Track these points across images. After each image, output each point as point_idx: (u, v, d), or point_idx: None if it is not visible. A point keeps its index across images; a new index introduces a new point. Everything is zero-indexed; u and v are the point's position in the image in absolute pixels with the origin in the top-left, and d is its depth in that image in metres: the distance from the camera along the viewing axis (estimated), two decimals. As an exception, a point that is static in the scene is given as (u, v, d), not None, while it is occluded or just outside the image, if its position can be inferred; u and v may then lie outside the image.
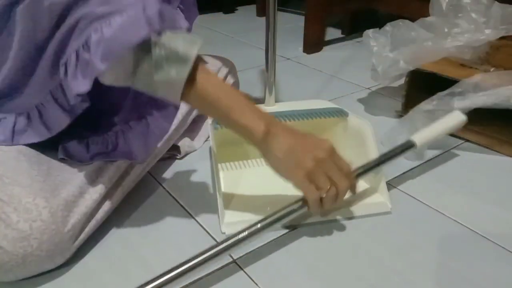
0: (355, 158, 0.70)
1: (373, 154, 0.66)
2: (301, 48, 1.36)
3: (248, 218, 0.60)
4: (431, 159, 0.77)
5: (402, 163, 0.76)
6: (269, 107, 0.72)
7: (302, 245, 0.57)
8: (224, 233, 0.59)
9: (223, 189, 0.65)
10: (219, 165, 0.70)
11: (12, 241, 0.47)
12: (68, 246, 0.52)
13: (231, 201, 0.64)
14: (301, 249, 0.56)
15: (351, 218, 0.61)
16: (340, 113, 0.70)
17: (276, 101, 0.73)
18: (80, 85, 0.46)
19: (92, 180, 0.57)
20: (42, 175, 0.53)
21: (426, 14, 0.90)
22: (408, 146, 0.65)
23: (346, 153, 0.69)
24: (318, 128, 0.74)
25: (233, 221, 0.60)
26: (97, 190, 0.57)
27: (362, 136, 0.68)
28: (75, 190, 0.55)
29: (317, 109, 0.71)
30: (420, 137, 0.66)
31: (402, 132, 0.78)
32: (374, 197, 0.65)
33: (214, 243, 0.58)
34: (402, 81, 0.89)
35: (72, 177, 0.56)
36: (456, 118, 0.70)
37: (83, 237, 0.55)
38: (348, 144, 0.71)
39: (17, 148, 0.56)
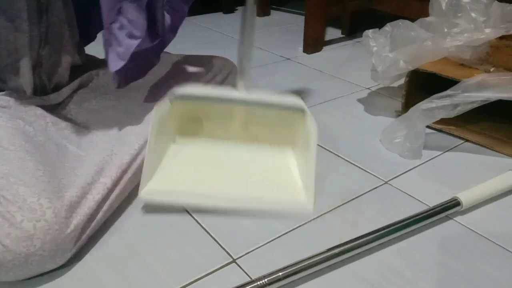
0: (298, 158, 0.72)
1: (311, 157, 0.63)
2: (301, 48, 1.36)
3: (171, 190, 0.63)
4: (431, 159, 0.77)
5: (402, 163, 0.76)
6: (238, 93, 0.70)
7: (301, 245, 0.57)
8: (141, 197, 0.62)
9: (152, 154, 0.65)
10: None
11: (16, 240, 0.47)
12: (69, 247, 0.52)
13: (162, 170, 0.67)
14: (301, 249, 0.56)
15: (266, 211, 0.61)
16: (296, 110, 0.68)
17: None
18: None
19: (95, 181, 0.58)
20: (47, 176, 0.54)
21: (426, 14, 0.90)
22: (452, 205, 0.62)
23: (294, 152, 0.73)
24: (277, 119, 0.73)
25: (155, 189, 0.63)
26: (99, 191, 0.57)
27: (308, 138, 0.65)
28: (78, 191, 0.55)
29: (276, 101, 0.69)
30: (467, 196, 0.63)
31: (400, 129, 0.78)
32: (297, 196, 0.64)
33: (214, 243, 0.58)
34: (402, 81, 0.89)
35: (75, 180, 0.57)
36: (509, 179, 0.68)
37: (84, 237, 0.55)
38: (298, 142, 0.71)
39: (24, 148, 0.57)
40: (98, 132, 0.69)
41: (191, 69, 0.84)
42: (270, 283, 0.50)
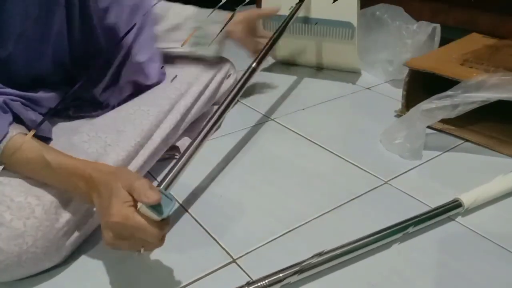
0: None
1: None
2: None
3: None
4: (431, 159, 0.77)
5: (402, 163, 0.76)
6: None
7: (301, 246, 0.57)
8: None
9: None
10: None
11: (6, 239, 0.47)
12: (63, 243, 0.52)
13: None
14: (301, 249, 0.56)
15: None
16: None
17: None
18: None
19: None
20: None
21: (426, 14, 0.90)
22: (454, 206, 0.62)
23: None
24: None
25: None
26: None
27: None
28: None
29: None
30: (469, 198, 0.63)
31: (400, 130, 0.78)
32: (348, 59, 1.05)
33: (214, 242, 0.58)
34: (402, 81, 0.89)
35: None
36: (511, 181, 0.67)
37: (80, 235, 0.55)
38: None
39: None
40: (92, 120, 0.67)
41: (190, 69, 0.84)
42: (271, 284, 0.49)
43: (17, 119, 0.54)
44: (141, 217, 0.44)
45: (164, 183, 0.54)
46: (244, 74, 0.73)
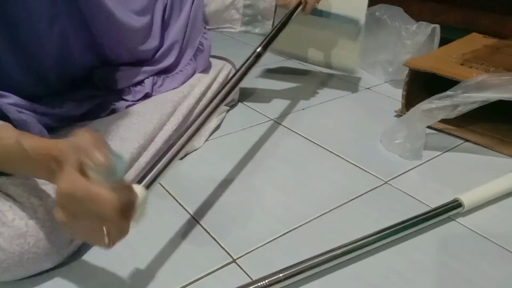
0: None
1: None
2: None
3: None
4: (431, 159, 0.77)
5: (402, 163, 0.76)
6: None
7: (301, 245, 0.57)
8: None
9: None
10: None
11: (8, 238, 0.47)
12: (65, 244, 0.52)
13: None
14: (301, 249, 0.56)
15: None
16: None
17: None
18: None
19: None
20: None
21: (425, 14, 0.90)
22: (454, 206, 0.62)
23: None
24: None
25: None
26: None
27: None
28: None
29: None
30: (469, 198, 0.63)
31: (401, 130, 0.78)
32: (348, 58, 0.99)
33: (214, 243, 0.58)
34: (402, 81, 0.89)
35: None
36: (511, 181, 0.67)
37: None
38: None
39: None
40: (93, 125, 0.67)
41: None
42: (271, 284, 0.49)
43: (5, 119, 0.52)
44: (93, 183, 0.37)
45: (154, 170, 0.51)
46: (248, 58, 0.66)
